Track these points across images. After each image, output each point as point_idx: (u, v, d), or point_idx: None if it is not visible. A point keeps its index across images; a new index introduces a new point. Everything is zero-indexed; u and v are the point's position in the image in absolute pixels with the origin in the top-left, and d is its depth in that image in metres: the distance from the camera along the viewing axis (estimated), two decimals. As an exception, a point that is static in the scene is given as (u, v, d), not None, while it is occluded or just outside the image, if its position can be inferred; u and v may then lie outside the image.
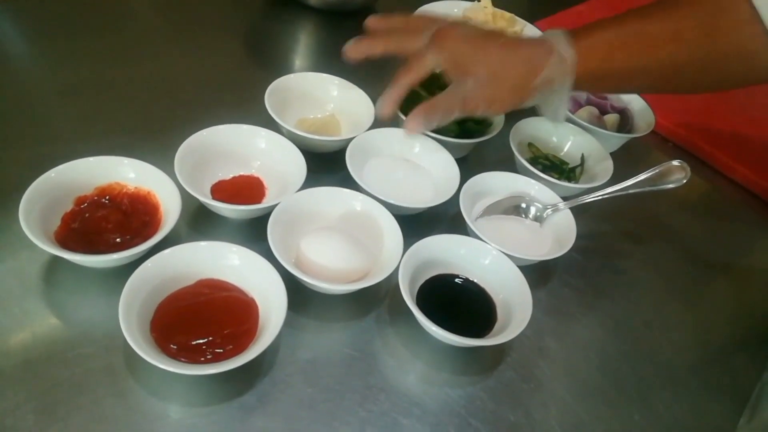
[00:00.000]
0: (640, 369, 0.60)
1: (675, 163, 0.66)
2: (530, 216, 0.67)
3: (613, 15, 0.58)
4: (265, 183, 0.64)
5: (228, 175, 0.63)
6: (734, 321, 0.69)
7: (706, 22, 0.54)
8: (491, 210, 0.67)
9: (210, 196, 0.60)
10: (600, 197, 0.67)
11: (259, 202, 0.61)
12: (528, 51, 0.58)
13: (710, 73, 0.57)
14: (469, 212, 0.63)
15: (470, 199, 0.66)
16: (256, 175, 0.64)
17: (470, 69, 0.59)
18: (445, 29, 0.61)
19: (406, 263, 0.54)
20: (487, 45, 0.59)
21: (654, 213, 0.79)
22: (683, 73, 0.57)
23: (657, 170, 0.66)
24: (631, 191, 0.66)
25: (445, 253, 0.59)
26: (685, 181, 0.65)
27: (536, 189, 0.69)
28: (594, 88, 0.69)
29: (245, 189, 0.62)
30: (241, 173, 0.64)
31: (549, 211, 0.66)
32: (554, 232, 0.66)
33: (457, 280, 0.59)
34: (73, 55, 0.77)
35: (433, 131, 0.69)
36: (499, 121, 0.74)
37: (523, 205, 0.67)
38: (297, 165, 0.62)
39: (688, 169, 0.66)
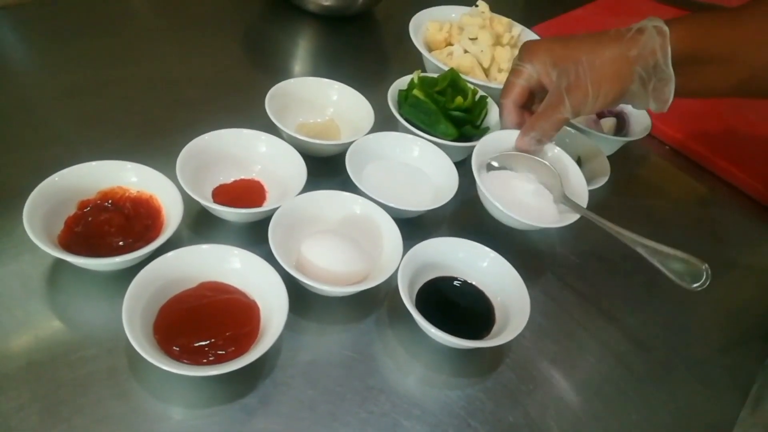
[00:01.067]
0: (638, 368, 0.60)
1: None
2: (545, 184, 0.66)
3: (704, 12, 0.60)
4: (266, 187, 0.64)
5: (229, 179, 0.64)
6: (731, 320, 0.69)
7: None
8: (506, 160, 0.66)
9: (211, 200, 0.61)
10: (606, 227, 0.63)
11: (259, 205, 0.62)
12: (618, 31, 0.59)
13: None
14: (481, 162, 0.64)
15: (482, 156, 0.65)
16: (256, 178, 0.65)
17: (565, 60, 0.59)
18: (530, 42, 0.63)
19: (405, 266, 0.55)
20: (575, 37, 0.60)
21: (651, 214, 0.80)
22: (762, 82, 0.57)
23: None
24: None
25: (444, 256, 0.59)
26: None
27: (565, 161, 0.69)
28: (692, 76, 0.60)
29: (246, 193, 0.63)
30: (242, 177, 0.64)
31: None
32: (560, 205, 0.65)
33: (455, 282, 0.60)
34: (73, 57, 0.78)
35: (432, 134, 0.70)
36: (495, 124, 0.75)
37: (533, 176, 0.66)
38: (297, 169, 0.63)
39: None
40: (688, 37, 0.56)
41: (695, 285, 0.57)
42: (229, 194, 0.62)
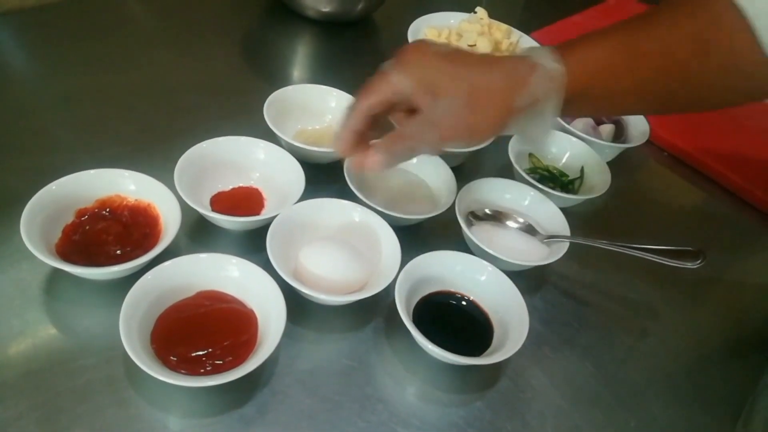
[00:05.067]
0: (636, 376, 0.60)
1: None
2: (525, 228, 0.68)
3: (600, 28, 0.53)
4: (264, 194, 0.64)
5: (227, 187, 0.64)
6: (729, 328, 0.69)
7: (699, 37, 0.49)
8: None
9: (209, 208, 0.61)
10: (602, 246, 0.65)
11: (258, 213, 0.62)
12: (509, 66, 0.50)
13: (707, 92, 0.53)
14: (463, 217, 0.64)
15: (465, 206, 0.66)
16: (255, 186, 0.65)
17: (443, 89, 0.49)
18: (411, 46, 0.52)
19: (402, 281, 0.55)
20: (462, 60, 0.50)
21: (650, 220, 0.80)
22: (677, 92, 0.53)
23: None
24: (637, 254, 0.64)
25: (441, 269, 0.59)
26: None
27: (531, 196, 0.70)
28: (582, 110, 0.61)
29: (244, 200, 0.63)
30: (240, 185, 0.64)
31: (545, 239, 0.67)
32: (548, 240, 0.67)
33: (453, 297, 0.59)
34: (72, 64, 0.78)
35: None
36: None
37: (521, 220, 0.68)
38: (296, 176, 0.63)
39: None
40: (580, 77, 0.50)
41: (693, 264, 0.61)
42: (227, 202, 0.62)
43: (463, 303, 0.59)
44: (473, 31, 0.87)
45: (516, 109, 0.50)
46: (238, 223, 0.59)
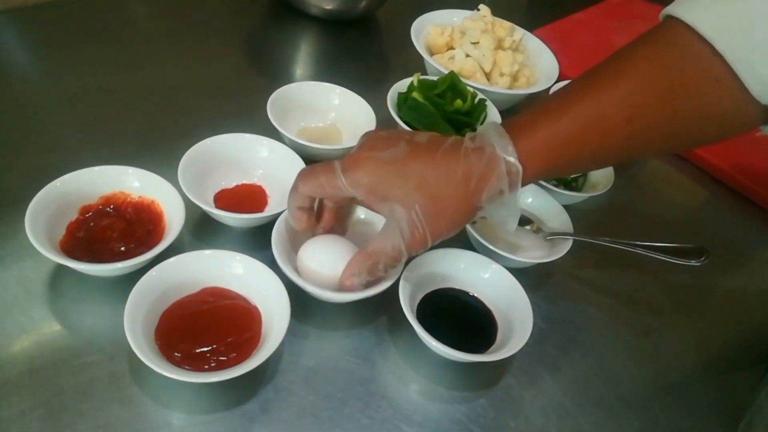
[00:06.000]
0: (640, 375, 0.60)
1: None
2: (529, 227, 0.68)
3: (558, 95, 0.50)
4: (268, 191, 0.64)
5: (231, 184, 0.64)
6: (733, 327, 0.69)
7: (662, 92, 0.46)
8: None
9: (213, 205, 0.61)
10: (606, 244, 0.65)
11: (261, 210, 0.62)
12: (467, 166, 0.48)
13: (678, 140, 0.50)
14: None
15: None
16: (258, 183, 0.65)
17: (403, 201, 0.48)
18: (355, 154, 0.49)
19: (406, 278, 0.55)
20: (416, 166, 0.48)
21: (652, 218, 0.80)
22: (646, 148, 0.51)
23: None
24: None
25: (445, 266, 0.59)
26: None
27: (534, 193, 0.70)
28: (548, 179, 0.64)
29: (248, 198, 0.63)
30: (244, 182, 0.64)
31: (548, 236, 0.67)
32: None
33: (457, 294, 0.59)
34: (76, 63, 0.78)
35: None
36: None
37: (524, 217, 0.68)
38: (299, 174, 0.62)
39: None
40: (543, 163, 0.49)
41: (697, 262, 0.61)
42: (230, 199, 0.62)
43: (467, 300, 0.59)
44: (476, 28, 0.87)
45: (479, 206, 0.49)
46: (242, 220, 0.60)
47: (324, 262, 0.55)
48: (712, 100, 0.45)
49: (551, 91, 0.83)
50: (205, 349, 0.48)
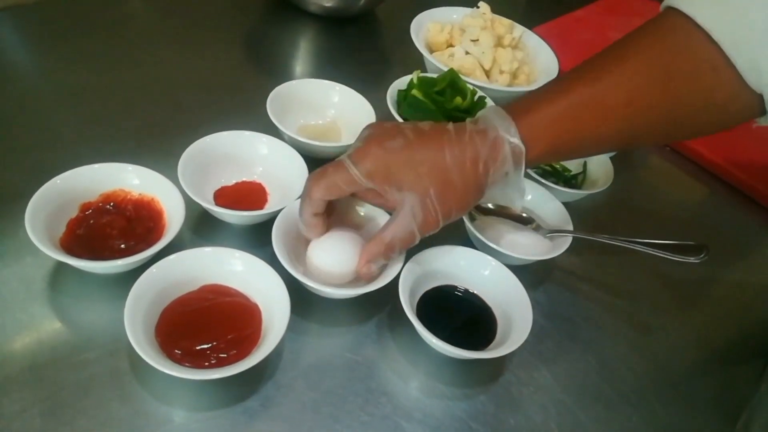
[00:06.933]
0: (640, 371, 0.60)
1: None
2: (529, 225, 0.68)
3: (560, 80, 0.52)
4: (267, 189, 0.64)
5: (230, 181, 0.64)
6: (732, 324, 0.69)
7: (661, 77, 0.47)
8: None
9: (213, 202, 0.61)
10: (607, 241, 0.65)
11: (261, 207, 0.62)
12: (473, 149, 0.50)
13: (676, 127, 0.51)
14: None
15: None
16: (258, 181, 0.65)
17: (416, 187, 0.50)
18: (364, 147, 0.51)
19: (406, 275, 0.55)
20: (426, 153, 0.50)
21: (651, 214, 0.80)
22: (646, 132, 0.52)
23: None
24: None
25: (445, 264, 0.59)
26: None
27: (534, 191, 0.70)
28: (550, 162, 0.65)
29: (247, 195, 0.63)
30: (244, 179, 0.65)
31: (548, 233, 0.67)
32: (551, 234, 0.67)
33: (457, 291, 0.59)
34: (75, 60, 0.78)
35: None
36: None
37: (524, 215, 0.68)
38: (299, 171, 0.63)
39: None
40: (544, 144, 0.50)
41: (696, 259, 0.61)
42: (230, 196, 0.62)
43: (467, 297, 0.59)
44: (476, 26, 0.87)
45: (487, 187, 0.52)
46: (241, 218, 0.60)
47: (328, 258, 0.54)
48: (709, 88, 0.46)
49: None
50: (206, 346, 0.48)
